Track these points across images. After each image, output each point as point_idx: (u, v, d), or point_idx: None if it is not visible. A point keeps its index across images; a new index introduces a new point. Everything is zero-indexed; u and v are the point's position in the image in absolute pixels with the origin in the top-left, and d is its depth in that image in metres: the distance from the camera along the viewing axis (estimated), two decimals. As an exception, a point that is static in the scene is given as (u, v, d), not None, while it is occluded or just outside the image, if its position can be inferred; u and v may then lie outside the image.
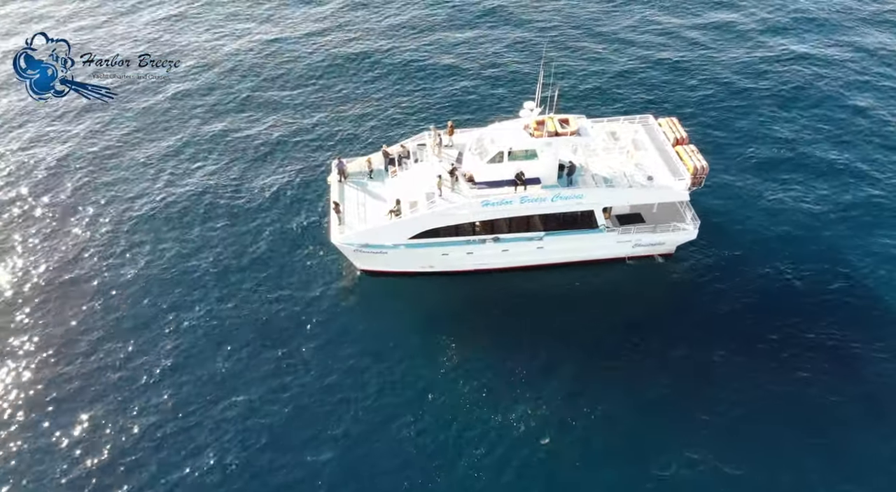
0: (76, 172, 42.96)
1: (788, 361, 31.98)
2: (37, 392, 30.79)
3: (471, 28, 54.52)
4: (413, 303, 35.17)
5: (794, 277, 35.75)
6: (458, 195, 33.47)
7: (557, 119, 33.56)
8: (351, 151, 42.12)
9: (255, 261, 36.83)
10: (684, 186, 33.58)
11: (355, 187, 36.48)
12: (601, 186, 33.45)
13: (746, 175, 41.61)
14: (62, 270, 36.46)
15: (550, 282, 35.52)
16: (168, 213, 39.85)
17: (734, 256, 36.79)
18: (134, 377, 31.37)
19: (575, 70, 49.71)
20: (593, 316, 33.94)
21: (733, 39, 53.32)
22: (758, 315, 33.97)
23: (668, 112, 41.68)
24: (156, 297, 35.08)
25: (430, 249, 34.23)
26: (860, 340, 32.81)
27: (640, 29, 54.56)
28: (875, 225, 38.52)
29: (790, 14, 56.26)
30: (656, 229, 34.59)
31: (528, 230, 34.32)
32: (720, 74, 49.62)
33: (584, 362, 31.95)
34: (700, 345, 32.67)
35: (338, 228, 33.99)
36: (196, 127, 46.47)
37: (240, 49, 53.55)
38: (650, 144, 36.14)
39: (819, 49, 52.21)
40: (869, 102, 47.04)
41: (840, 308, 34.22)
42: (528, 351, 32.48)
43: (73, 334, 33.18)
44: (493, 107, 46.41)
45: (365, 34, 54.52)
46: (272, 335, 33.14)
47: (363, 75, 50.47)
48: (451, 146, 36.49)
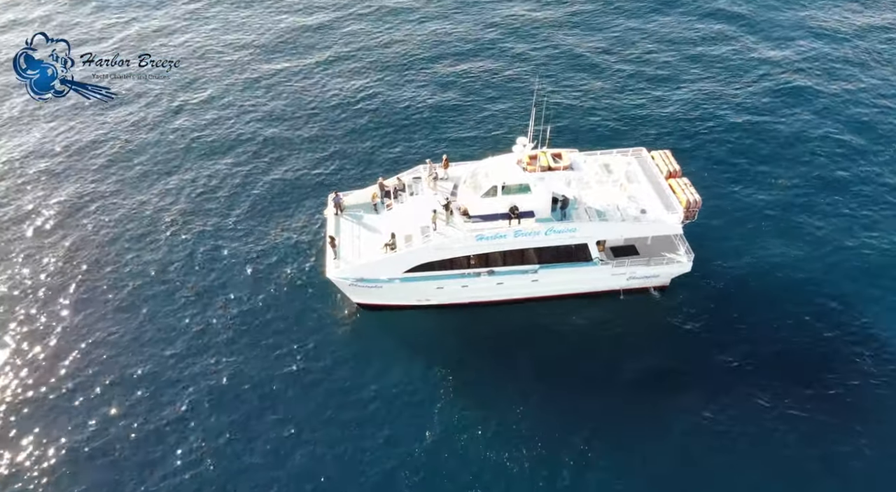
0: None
1: (782, 396, 31.94)
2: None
3: (465, 62, 55.03)
4: (409, 337, 35.12)
5: (795, 313, 35.72)
6: (452, 229, 33.68)
7: (550, 153, 33.97)
8: (345, 184, 42.40)
9: (248, 293, 36.91)
10: (677, 220, 33.79)
11: (351, 220, 36.72)
12: (594, 220, 33.67)
13: (742, 206, 41.75)
14: (53, 288, 36.84)
15: (546, 316, 35.53)
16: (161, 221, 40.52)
17: (729, 289, 36.84)
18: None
19: (568, 104, 50.18)
20: (589, 351, 33.89)
21: (730, 74, 53.63)
22: (753, 351, 33.90)
23: (662, 145, 41.94)
24: (152, 313, 35.54)
25: (425, 283, 34.34)
26: (857, 374, 32.77)
27: (635, 62, 55.16)
28: (873, 264, 38.34)
29: (789, 48, 56.52)
30: (650, 262, 34.72)
31: (523, 263, 34.47)
32: (717, 108, 49.85)
33: (581, 401, 31.81)
34: (699, 381, 32.65)
35: (333, 262, 34.13)
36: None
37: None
38: (643, 177, 36.45)
39: (822, 85, 52.09)
40: (869, 140, 46.81)
41: (836, 342, 34.18)
42: (525, 387, 32.40)
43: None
44: (487, 139, 46.73)
45: (365, 67, 55.44)
46: (263, 375, 33.07)
47: (351, 110, 50.61)
48: (447, 179, 36.84)
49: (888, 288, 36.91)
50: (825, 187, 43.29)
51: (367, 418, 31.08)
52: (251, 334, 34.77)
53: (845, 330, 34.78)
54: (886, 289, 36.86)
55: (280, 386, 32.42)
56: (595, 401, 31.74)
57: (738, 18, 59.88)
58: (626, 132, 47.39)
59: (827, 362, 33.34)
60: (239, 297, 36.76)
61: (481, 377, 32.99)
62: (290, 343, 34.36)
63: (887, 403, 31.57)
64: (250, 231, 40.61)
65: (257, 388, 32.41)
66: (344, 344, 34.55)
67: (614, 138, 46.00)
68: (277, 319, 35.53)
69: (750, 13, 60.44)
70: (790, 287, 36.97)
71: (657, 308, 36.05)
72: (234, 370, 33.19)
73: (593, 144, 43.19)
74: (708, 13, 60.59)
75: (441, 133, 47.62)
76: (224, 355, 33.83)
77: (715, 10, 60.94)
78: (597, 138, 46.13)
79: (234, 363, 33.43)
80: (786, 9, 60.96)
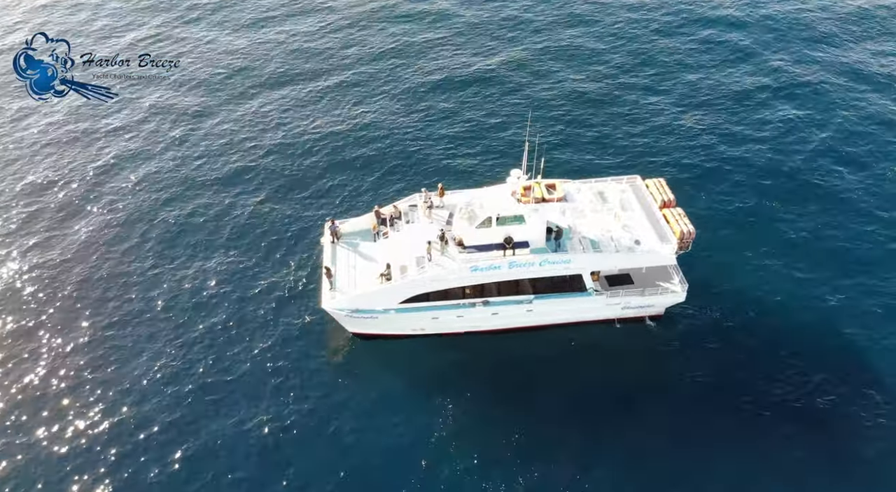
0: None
1: (775, 425, 32.01)
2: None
3: (459, 92, 54.31)
4: (404, 366, 35.21)
5: (787, 342, 35.67)
6: (447, 259, 33.85)
7: (545, 184, 34.18)
8: (342, 213, 42.47)
9: (241, 321, 36.97)
10: (671, 250, 33.92)
11: (348, 248, 36.90)
12: (588, 251, 33.83)
13: (738, 238, 41.54)
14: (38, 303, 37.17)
15: (542, 345, 35.59)
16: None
17: (723, 318, 36.89)
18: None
19: (562, 132, 49.95)
20: (584, 380, 33.97)
21: (732, 102, 53.17)
22: (747, 379, 33.98)
23: (657, 173, 41.94)
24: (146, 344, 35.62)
25: (420, 314, 34.48)
26: (851, 406, 32.82)
27: (629, 91, 54.78)
28: (867, 297, 38.15)
29: (789, 75, 55.96)
30: (644, 293, 34.86)
31: (518, 293, 34.66)
32: (710, 137, 49.69)
33: (576, 430, 31.91)
34: (692, 410, 32.69)
35: (329, 292, 34.31)
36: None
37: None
38: (637, 206, 36.62)
39: (819, 114, 51.95)
40: (866, 174, 46.54)
41: (830, 372, 34.25)
42: (522, 416, 32.47)
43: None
44: (482, 168, 46.69)
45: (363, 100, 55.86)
46: (256, 399, 33.15)
47: (353, 137, 50.76)
48: (442, 207, 37.03)
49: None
50: (827, 219, 42.84)
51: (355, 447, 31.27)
52: (240, 368, 34.90)
53: (839, 370, 34.41)
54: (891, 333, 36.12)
55: (266, 414, 32.58)
56: (594, 431, 31.83)
57: (742, 48, 59.09)
58: (621, 159, 47.41)
59: (821, 408, 33.02)
60: (228, 322, 36.79)
61: (479, 408, 32.96)
62: (283, 375, 34.42)
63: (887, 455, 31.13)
64: (245, 254, 40.85)
65: (245, 422, 32.45)
66: (338, 373, 34.71)
67: (610, 166, 45.98)
68: (272, 346, 35.62)
69: (753, 43, 59.86)
70: (793, 321, 36.71)
71: (652, 338, 36.12)
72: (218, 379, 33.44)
73: (588, 171, 43.27)
74: (711, 40, 60.23)
75: (439, 162, 47.62)
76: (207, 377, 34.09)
77: (719, 42, 60.02)
78: (592, 167, 46.10)
79: (221, 394, 33.63)
80: (790, 39, 60.54)
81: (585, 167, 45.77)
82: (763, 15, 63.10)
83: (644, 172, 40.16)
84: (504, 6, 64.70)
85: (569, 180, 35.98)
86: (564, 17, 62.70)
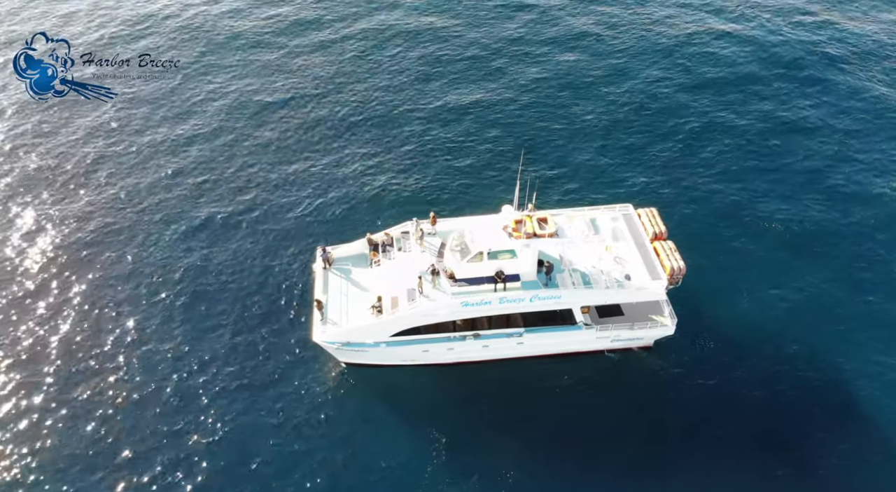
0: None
1: (766, 461, 32.44)
2: None
3: (454, 123, 52.12)
4: (396, 396, 35.41)
5: (779, 374, 35.94)
6: (438, 292, 33.90)
7: (536, 218, 34.16)
8: (333, 238, 42.03)
9: (229, 348, 37.02)
10: (661, 286, 34.00)
11: (340, 276, 36.90)
12: (579, 286, 33.91)
13: (731, 264, 41.46)
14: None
15: (534, 374, 35.79)
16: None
17: (713, 348, 37.08)
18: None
19: (554, 161, 48.59)
20: (577, 411, 34.30)
21: (726, 124, 52.19)
22: (736, 411, 34.28)
23: (649, 202, 40.89)
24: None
25: (411, 347, 34.63)
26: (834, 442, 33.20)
27: (621, 122, 52.49)
28: (858, 325, 38.25)
29: (769, 114, 53.68)
30: (634, 327, 35.02)
31: (508, 326, 34.82)
32: (703, 171, 48.38)
33: (570, 461, 32.39)
34: (684, 442, 33.15)
35: (320, 324, 34.40)
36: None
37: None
38: (629, 236, 36.58)
39: (825, 136, 51.04)
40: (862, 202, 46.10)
41: (815, 407, 34.56)
42: (513, 448, 32.85)
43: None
44: (470, 196, 45.82)
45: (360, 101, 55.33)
46: (248, 434, 33.39)
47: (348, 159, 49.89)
48: (435, 234, 37.03)
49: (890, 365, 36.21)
50: (824, 246, 42.61)
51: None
52: (233, 390, 35.16)
53: (831, 405, 34.62)
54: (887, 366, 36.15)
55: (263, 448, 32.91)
56: (589, 464, 32.31)
57: (746, 76, 57.09)
58: (612, 184, 46.60)
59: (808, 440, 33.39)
60: (217, 349, 36.91)
61: (468, 437, 33.27)
62: (270, 401, 34.69)
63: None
64: (241, 265, 41.07)
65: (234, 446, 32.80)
66: (329, 404, 34.91)
67: (602, 192, 45.39)
68: (263, 376, 35.84)
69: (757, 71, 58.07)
70: (784, 352, 36.90)
71: (643, 369, 36.37)
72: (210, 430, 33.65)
73: (581, 196, 42.92)
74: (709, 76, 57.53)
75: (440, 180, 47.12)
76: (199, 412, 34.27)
77: (721, 76, 57.32)
78: (586, 189, 45.80)
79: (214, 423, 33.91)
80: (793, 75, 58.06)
81: (578, 192, 45.58)
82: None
83: (637, 197, 40.04)
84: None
85: (560, 211, 35.93)
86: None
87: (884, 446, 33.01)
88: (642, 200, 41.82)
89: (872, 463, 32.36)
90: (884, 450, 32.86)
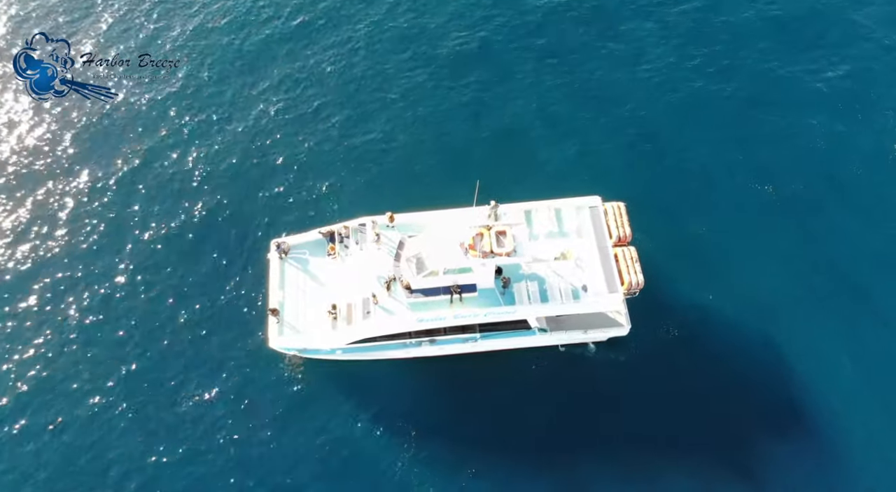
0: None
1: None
2: None
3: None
4: (361, 390, 36.64)
5: (739, 363, 36.97)
6: (395, 301, 33.84)
7: (495, 232, 32.88)
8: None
9: (190, 342, 37.83)
10: (617, 300, 33.92)
11: (296, 267, 36.40)
12: (535, 301, 33.77)
13: (695, 255, 40.53)
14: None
15: (497, 369, 36.71)
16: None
17: (679, 336, 37.84)
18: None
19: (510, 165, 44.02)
20: (519, 401, 36.05)
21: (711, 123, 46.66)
22: (695, 399, 35.89)
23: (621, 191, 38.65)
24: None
25: (368, 352, 35.21)
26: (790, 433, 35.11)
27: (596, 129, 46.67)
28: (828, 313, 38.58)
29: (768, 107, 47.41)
30: (587, 332, 35.48)
31: (465, 332, 35.22)
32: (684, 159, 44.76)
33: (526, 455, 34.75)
34: (641, 431, 35.16)
35: (276, 329, 34.55)
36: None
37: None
38: (592, 234, 35.64)
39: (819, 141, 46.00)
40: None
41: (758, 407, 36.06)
42: (478, 444, 35.04)
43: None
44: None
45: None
46: (208, 433, 35.14)
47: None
48: (393, 228, 35.98)
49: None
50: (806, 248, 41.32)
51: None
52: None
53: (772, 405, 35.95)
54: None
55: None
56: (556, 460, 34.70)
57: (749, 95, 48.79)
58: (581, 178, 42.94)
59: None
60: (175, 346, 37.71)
61: (439, 432, 35.28)
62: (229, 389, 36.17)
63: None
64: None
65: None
66: (291, 396, 36.38)
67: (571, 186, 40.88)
68: (222, 373, 36.91)
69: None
70: (747, 340, 37.63)
71: (593, 360, 37.45)
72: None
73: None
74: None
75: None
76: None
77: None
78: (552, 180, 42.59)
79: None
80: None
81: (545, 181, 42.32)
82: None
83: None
84: None
85: (522, 223, 34.42)
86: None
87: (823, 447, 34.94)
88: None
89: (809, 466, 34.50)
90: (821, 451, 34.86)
